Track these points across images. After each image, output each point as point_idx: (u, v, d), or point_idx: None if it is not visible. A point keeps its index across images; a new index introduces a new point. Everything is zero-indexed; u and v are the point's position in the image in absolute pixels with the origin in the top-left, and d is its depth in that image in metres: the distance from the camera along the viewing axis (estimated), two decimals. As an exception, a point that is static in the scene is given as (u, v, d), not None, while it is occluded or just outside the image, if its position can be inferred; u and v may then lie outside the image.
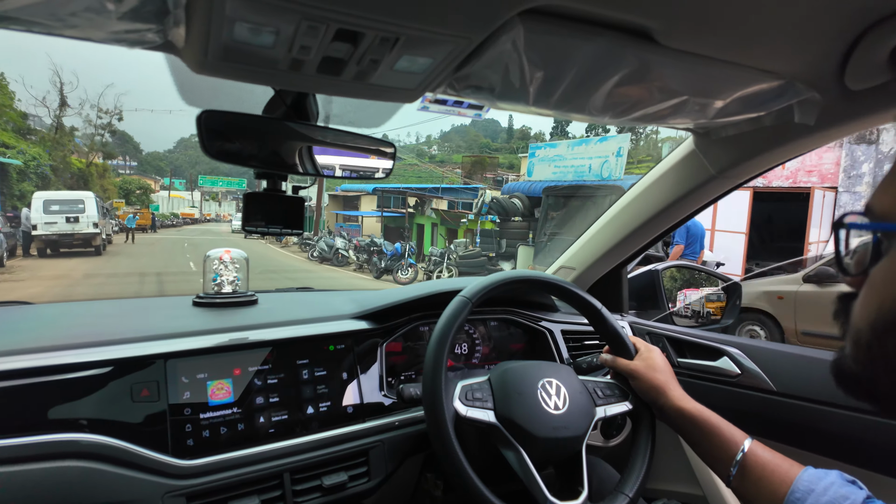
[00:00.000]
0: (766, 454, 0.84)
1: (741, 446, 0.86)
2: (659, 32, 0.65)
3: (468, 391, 0.96)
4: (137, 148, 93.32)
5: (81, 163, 33.61)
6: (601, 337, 1.12)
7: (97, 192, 26.91)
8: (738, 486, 0.85)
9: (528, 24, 0.60)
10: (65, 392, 0.86)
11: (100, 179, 36.25)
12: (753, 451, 0.85)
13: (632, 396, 1.05)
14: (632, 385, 1.04)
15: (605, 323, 1.09)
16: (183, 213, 62.99)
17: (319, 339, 1.12)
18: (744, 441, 0.87)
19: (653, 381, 1.00)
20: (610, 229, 1.47)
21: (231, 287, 1.29)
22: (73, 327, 1.04)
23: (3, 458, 0.79)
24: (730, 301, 1.76)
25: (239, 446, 0.96)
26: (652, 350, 1.07)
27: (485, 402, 0.95)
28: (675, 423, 0.97)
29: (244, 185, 53.45)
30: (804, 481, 0.77)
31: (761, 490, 0.81)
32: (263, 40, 0.58)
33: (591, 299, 1.10)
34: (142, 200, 44.53)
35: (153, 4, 0.53)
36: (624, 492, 0.95)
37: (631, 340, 1.08)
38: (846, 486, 0.73)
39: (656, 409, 1.01)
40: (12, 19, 0.53)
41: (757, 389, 1.23)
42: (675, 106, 0.85)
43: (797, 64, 0.75)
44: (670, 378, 1.01)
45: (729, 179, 1.19)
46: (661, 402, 0.98)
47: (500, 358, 1.42)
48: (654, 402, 1.00)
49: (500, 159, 49.35)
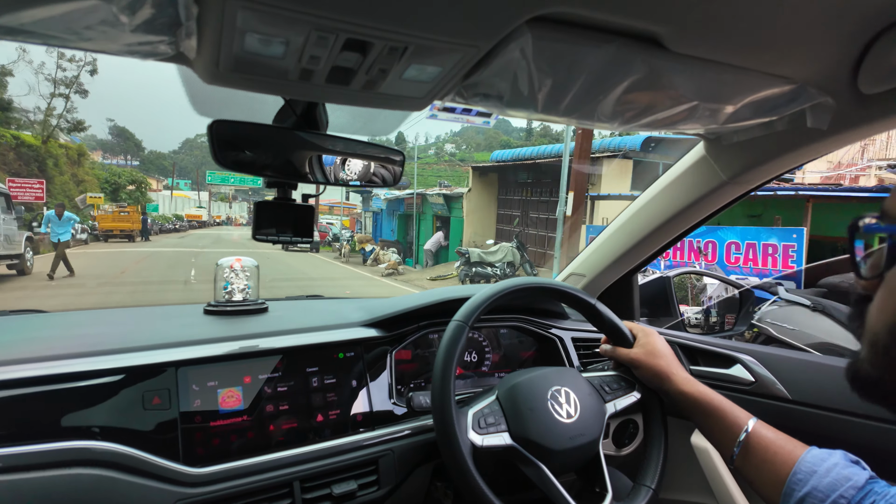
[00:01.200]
0: (770, 434, 0.84)
1: (745, 426, 0.85)
2: (668, 38, 0.65)
3: (480, 418, 0.95)
4: (139, 145, 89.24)
5: (35, 140, 22.93)
6: (599, 330, 1.11)
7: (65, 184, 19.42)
8: (741, 467, 0.85)
9: (536, 32, 0.61)
10: (77, 400, 0.87)
11: (73, 167, 26.42)
12: (757, 431, 0.85)
13: (638, 386, 1.04)
14: (636, 374, 1.03)
15: (599, 316, 1.08)
16: (189, 216, 54.73)
17: (329, 346, 1.12)
18: (748, 421, 0.86)
19: (655, 367, 0.99)
20: (620, 236, 1.46)
21: (241, 295, 1.30)
22: (86, 335, 1.05)
23: (17, 465, 0.79)
24: (743, 307, 1.74)
25: (249, 454, 0.96)
26: (650, 334, 1.05)
27: (498, 426, 0.94)
28: (681, 406, 0.96)
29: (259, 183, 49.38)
30: (807, 462, 0.76)
31: (764, 471, 0.80)
32: (274, 51, 0.59)
33: (582, 294, 1.09)
34: (134, 198, 34.19)
35: (165, 17, 0.54)
36: (646, 484, 0.95)
37: (627, 327, 1.07)
38: (849, 466, 0.72)
39: (662, 394, 1.00)
40: (29, 33, 0.54)
41: (772, 397, 1.21)
42: (685, 112, 0.85)
43: (809, 68, 0.74)
44: (672, 362, 1.00)
45: (740, 185, 1.18)
46: (665, 387, 0.98)
47: (509, 366, 1.41)
48: (659, 388, 1.00)
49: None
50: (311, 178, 0.90)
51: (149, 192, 42.86)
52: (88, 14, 0.51)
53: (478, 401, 0.99)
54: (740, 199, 1.25)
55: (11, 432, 0.82)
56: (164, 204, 54.77)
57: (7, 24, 0.52)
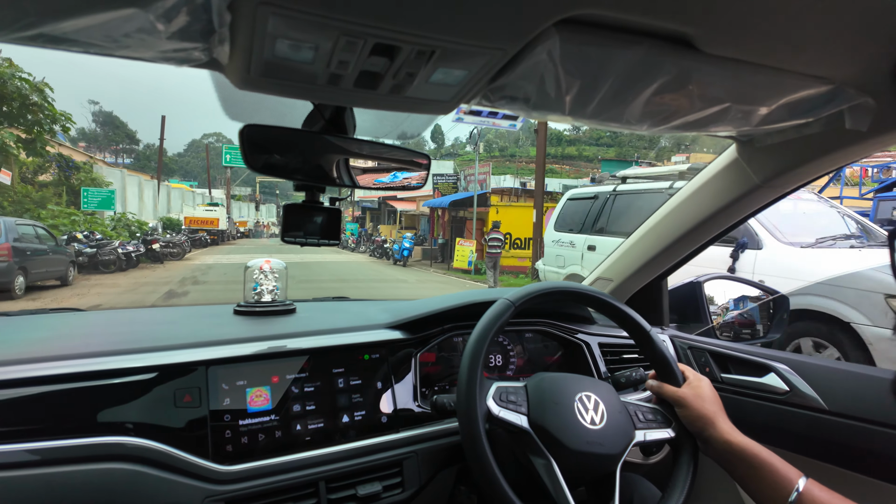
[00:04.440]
0: (824, 494, 0.79)
1: (795, 485, 0.81)
2: (699, 39, 0.64)
3: (503, 392, 0.94)
4: (133, 137, 72.42)
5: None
6: (647, 360, 1.08)
7: None
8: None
9: (564, 35, 0.60)
10: (112, 396, 0.90)
11: None
12: (809, 490, 0.80)
13: (675, 424, 1.00)
14: (678, 413, 1.00)
15: (652, 346, 1.05)
16: (193, 220, 29.76)
17: (354, 348, 1.13)
18: (798, 480, 0.82)
19: (701, 410, 0.95)
20: (649, 240, 1.44)
21: (270, 296, 1.32)
22: (121, 333, 1.09)
23: (56, 459, 0.82)
24: (777, 314, 1.69)
25: (276, 453, 0.98)
26: (701, 379, 1.02)
27: (518, 406, 0.93)
28: (722, 457, 0.92)
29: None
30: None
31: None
32: (303, 56, 0.60)
33: (639, 320, 1.06)
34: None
35: (200, 24, 0.55)
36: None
37: (679, 368, 1.05)
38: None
39: (701, 440, 0.96)
40: (71, 41, 0.56)
41: (808, 408, 1.17)
42: (716, 114, 0.83)
43: (848, 68, 0.72)
44: (719, 410, 0.96)
45: (774, 189, 1.14)
46: (707, 433, 0.94)
47: (534, 370, 1.40)
48: (699, 434, 0.96)
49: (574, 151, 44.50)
50: (339, 182, 0.91)
51: (97, 166, 22.84)
52: (127, 22, 0.53)
53: (505, 381, 0.99)
54: (773, 203, 1.22)
55: (49, 426, 0.85)
56: (141, 198, 30.07)
57: (50, 33, 0.54)
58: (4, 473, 0.79)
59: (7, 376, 0.86)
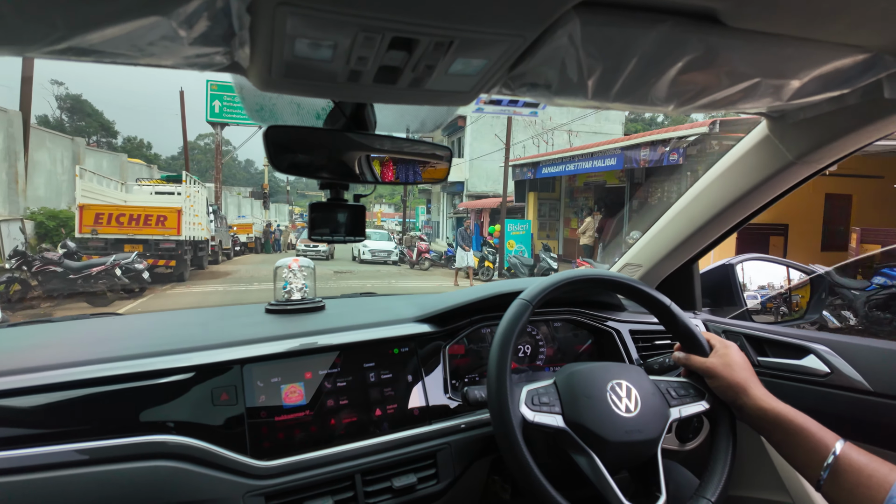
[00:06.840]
0: (861, 457, 0.78)
1: (832, 449, 0.80)
2: (726, 13, 0.62)
3: (534, 396, 0.94)
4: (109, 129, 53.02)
5: None
6: (672, 335, 1.06)
7: None
8: (829, 492, 0.80)
9: (584, 17, 0.59)
10: (153, 396, 0.93)
11: None
12: (846, 453, 0.79)
13: (708, 396, 0.99)
14: (709, 384, 0.99)
15: (675, 320, 1.04)
16: (106, 212, 11.39)
17: (384, 342, 1.15)
18: (835, 443, 0.81)
19: (731, 379, 0.94)
20: (679, 223, 1.40)
21: (300, 294, 1.34)
22: (158, 335, 1.12)
23: (104, 458, 0.86)
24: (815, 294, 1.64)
25: (312, 448, 0.99)
26: (729, 346, 1.00)
27: (552, 407, 0.93)
28: (757, 423, 0.91)
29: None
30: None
31: (856, 496, 0.76)
32: (322, 54, 0.60)
33: (658, 295, 1.05)
34: None
35: (221, 28, 0.56)
36: (706, 496, 0.91)
37: (705, 337, 1.03)
38: None
39: (736, 408, 0.95)
40: (99, 52, 0.58)
41: (850, 390, 1.13)
42: (745, 90, 0.80)
43: (887, 34, 0.69)
44: (750, 376, 0.95)
45: (809, 165, 1.10)
46: (741, 401, 0.92)
47: (564, 360, 1.39)
48: (733, 402, 0.95)
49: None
50: (362, 178, 0.91)
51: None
52: (151, 30, 0.54)
53: (534, 380, 0.98)
54: (808, 179, 1.18)
55: (95, 427, 0.88)
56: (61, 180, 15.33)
57: (78, 46, 0.55)
58: (58, 473, 0.83)
59: (57, 380, 0.89)
